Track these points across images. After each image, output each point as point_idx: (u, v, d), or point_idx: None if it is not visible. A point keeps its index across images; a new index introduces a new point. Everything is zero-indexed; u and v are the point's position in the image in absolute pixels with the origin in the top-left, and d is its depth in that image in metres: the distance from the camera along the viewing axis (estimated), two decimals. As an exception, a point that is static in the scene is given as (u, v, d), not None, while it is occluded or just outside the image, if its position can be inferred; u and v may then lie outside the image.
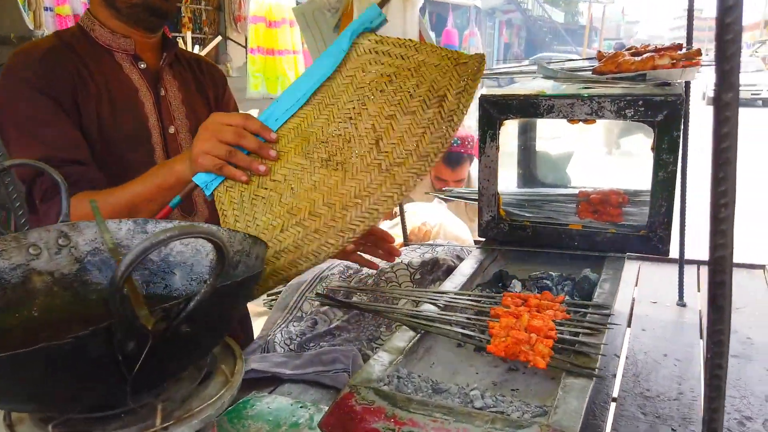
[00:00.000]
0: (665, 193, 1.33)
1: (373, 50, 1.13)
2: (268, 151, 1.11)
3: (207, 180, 1.09)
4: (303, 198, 1.06)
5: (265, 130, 1.12)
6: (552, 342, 1.00)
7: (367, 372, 0.94)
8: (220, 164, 1.08)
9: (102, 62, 1.37)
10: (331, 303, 1.43)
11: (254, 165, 1.10)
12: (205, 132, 1.08)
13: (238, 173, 1.10)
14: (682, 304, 1.78)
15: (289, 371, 1.45)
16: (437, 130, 1.02)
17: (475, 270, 1.39)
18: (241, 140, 1.09)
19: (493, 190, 1.49)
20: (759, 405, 1.30)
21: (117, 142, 1.33)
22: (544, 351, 0.97)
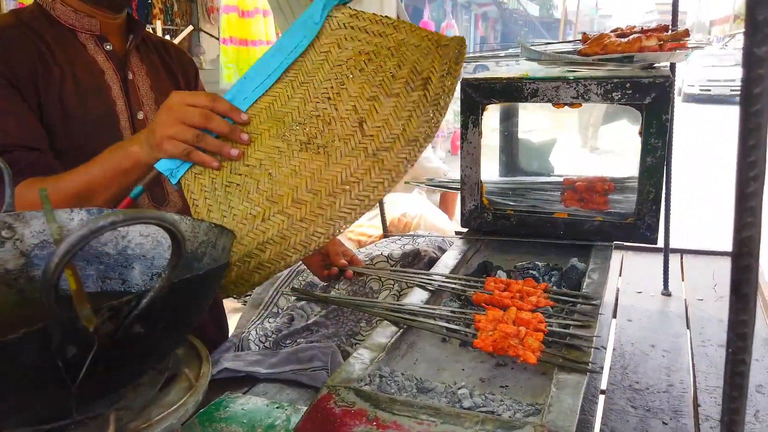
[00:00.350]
0: (653, 180, 1.28)
1: (348, 25, 1.06)
2: (239, 134, 1.03)
3: (172, 167, 1.00)
4: (283, 184, 0.99)
5: (234, 112, 1.04)
6: (542, 335, 0.94)
7: (347, 371, 0.87)
8: (188, 150, 1.00)
9: (65, 43, 1.27)
10: (308, 298, 1.36)
11: (225, 149, 1.02)
12: (168, 114, 0.99)
13: (209, 159, 1.02)
14: (666, 293, 1.75)
15: (264, 370, 1.38)
16: (424, 113, 0.95)
17: (459, 261, 1.33)
18: (209, 123, 1.01)
19: (476, 179, 1.44)
20: (750, 396, 1.26)
21: (83, 127, 1.24)
22: (534, 345, 0.92)
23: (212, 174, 1.03)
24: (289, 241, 0.95)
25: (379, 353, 0.93)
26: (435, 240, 1.70)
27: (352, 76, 1.03)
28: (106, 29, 1.32)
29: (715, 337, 1.50)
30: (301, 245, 0.94)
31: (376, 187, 0.94)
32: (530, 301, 1.05)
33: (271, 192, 0.99)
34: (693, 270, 1.91)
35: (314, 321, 1.51)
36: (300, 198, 0.97)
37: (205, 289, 0.61)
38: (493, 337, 0.94)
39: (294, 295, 1.31)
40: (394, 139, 0.95)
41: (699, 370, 1.35)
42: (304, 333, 1.49)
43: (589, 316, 1.02)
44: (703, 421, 1.18)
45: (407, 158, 0.94)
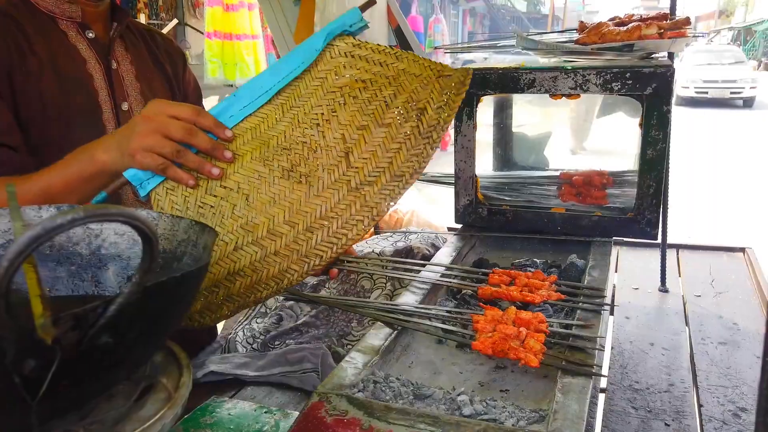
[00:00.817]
0: (654, 173, 1.24)
1: (350, 54, 1.01)
2: (222, 152, 0.97)
3: (143, 178, 0.94)
4: (260, 212, 0.94)
5: (219, 128, 0.98)
6: (544, 336, 0.90)
7: (339, 376, 0.82)
8: (165, 164, 0.94)
9: (45, 31, 1.20)
10: (297, 298, 1.31)
11: (206, 167, 0.96)
12: (147, 124, 0.93)
13: (186, 176, 0.96)
14: (664, 289, 1.72)
15: (252, 373, 1.32)
16: (414, 146, 0.91)
17: (453, 258, 1.28)
18: (192, 138, 0.94)
19: (470, 172, 1.39)
20: (753, 395, 1.23)
21: (63, 118, 1.17)
22: (536, 347, 0.87)
23: (186, 192, 0.97)
24: (260, 275, 0.90)
25: (372, 357, 0.88)
26: (428, 236, 1.65)
27: (344, 103, 0.98)
28: (88, 16, 1.25)
29: (714, 334, 1.46)
30: (273, 281, 0.88)
31: (355, 225, 0.89)
32: (540, 294, 1.00)
33: (247, 219, 0.94)
34: (689, 266, 1.88)
35: (304, 321, 1.46)
36: (276, 229, 0.92)
37: (184, 292, 0.56)
38: (493, 338, 0.89)
39: (282, 294, 1.25)
40: (380, 173, 0.90)
41: (700, 369, 1.32)
42: (294, 334, 1.43)
43: (591, 315, 0.98)
44: (706, 422, 1.14)
45: (390, 195, 0.90)
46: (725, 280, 1.76)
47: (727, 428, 1.13)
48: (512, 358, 0.86)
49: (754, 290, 1.69)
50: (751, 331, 1.48)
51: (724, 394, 1.23)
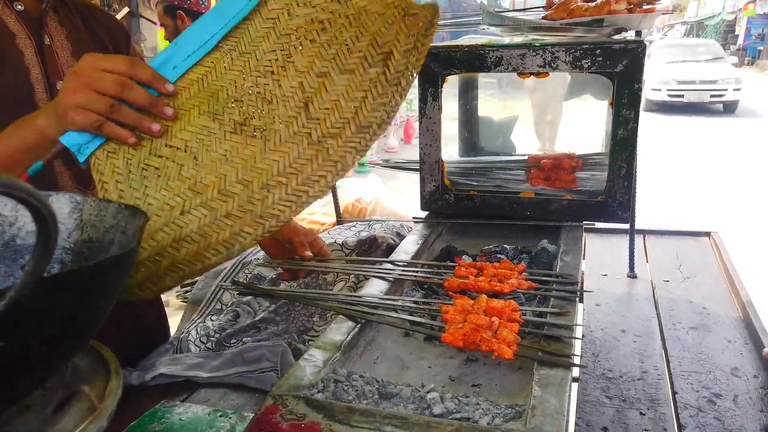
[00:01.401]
0: (625, 154, 1.20)
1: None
2: (162, 108, 0.87)
3: (80, 142, 0.84)
4: (210, 171, 0.84)
5: (159, 81, 0.88)
6: (517, 326, 0.84)
7: (296, 376, 0.74)
8: (99, 121, 0.84)
9: None
10: (253, 292, 1.22)
11: (145, 123, 0.86)
12: (76, 79, 0.83)
13: (125, 133, 0.86)
14: (632, 275, 1.69)
15: (206, 374, 1.23)
16: (381, 95, 0.82)
17: (420, 247, 1.21)
18: (127, 92, 0.85)
19: (436, 157, 1.32)
20: (726, 380, 1.20)
21: None
22: (509, 337, 0.81)
23: (128, 154, 0.87)
24: (209, 240, 0.80)
25: (333, 353, 0.81)
26: (393, 225, 1.58)
27: (301, 47, 0.88)
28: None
29: (685, 320, 1.44)
30: (223, 246, 0.79)
31: (317, 181, 0.80)
32: (510, 284, 0.94)
33: (195, 180, 0.84)
34: (656, 251, 1.86)
35: (262, 317, 1.37)
36: (228, 189, 0.83)
37: (103, 284, 0.47)
38: (463, 330, 0.82)
39: (236, 289, 1.16)
40: (344, 124, 0.81)
41: (672, 355, 1.29)
42: (251, 331, 1.34)
43: (566, 302, 0.93)
44: (682, 409, 1.11)
45: (357, 148, 0.80)
46: (692, 264, 1.75)
47: (703, 415, 1.09)
48: (484, 350, 0.80)
49: (721, 274, 1.68)
50: (720, 315, 1.46)
51: (698, 380, 1.20)
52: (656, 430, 1.06)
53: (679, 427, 1.06)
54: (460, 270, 1.02)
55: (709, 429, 1.06)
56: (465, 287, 0.97)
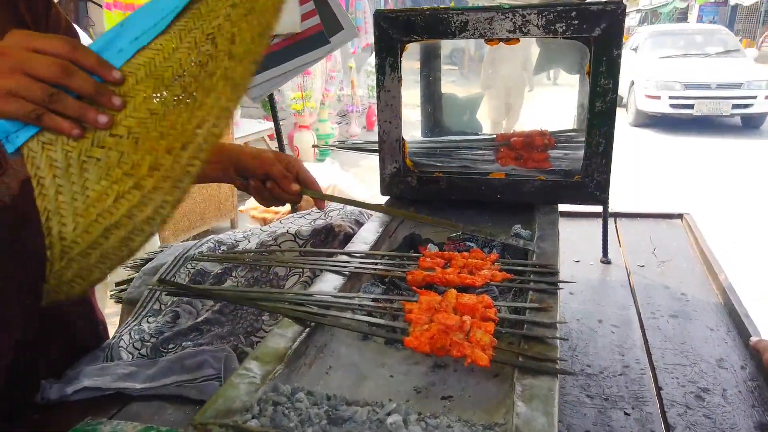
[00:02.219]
0: (604, 128, 1.09)
1: None
2: (110, 98, 0.73)
3: (9, 129, 0.70)
4: (147, 151, 0.71)
5: (105, 67, 0.74)
6: (493, 326, 0.71)
7: (226, 397, 0.60)
8: (37, 111, 0.69)
9: None
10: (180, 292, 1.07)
11: (90, 115, 0.72)
12: (3, 61, 0.68)
13: (68, 125, 0.71)
14: (606, 261, 1.60)
15: (139, 385, 1.08)
16: None
17: (380, 235, 1.08)
18: (69, 79, 0.70)
19: (396, 135, 1.19)
20: (712, 372, 1.11)
21: None
22: (484, 340, 0.69)
23: (67, 146, 0.73)
24: (134, 221, 0.68)
25: (275, 365, 0.67)
26: (351, 212, 1.44)
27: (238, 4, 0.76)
28: None
29: (663, 307, 1.35)
30: (147, 223, 0.67)
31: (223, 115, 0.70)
32: (483, 275, 0.82)
33: (132, 164, 0.72)
34: (629, 235, 1.77)
35: (205, 318, 1.22)
36: (158, 163, 0.70)
37: None
38: (430, 332, 0.70)
39: (162, 288, 1.02)
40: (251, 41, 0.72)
41: (654, 347, 1.19)
42: (192, 334, 1.19)
43: (546, 295, 0.81)
44: (669, 407, 1.01)
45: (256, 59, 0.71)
46: (667, 248, 1.67)
47: (691, 413, 1.00)
48: (455, 355, 0.68)
49: (697, 257, 1.60)
50: (700, 301, 1.38)
51: (683, 374, 1.11)
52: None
53: (667, 428, 0.97)
54: (425, 261, 0.90)
55: (699, 429, 0.97)
56: (431, 281, 0.85)
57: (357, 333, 0.79)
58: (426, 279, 0.85)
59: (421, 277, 0.86)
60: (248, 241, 1.44)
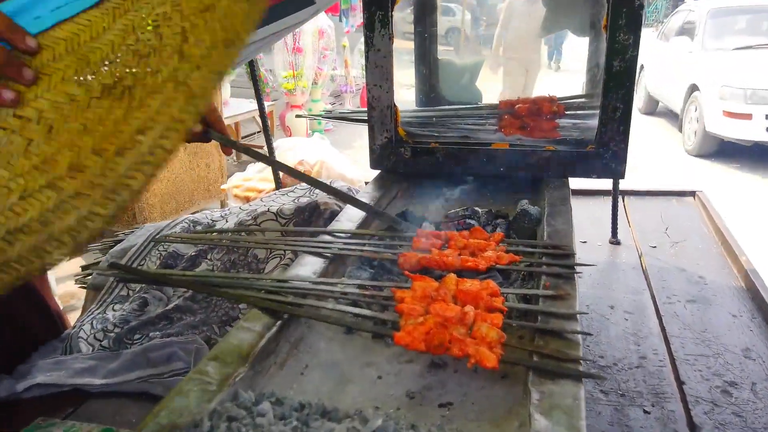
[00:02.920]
0: (622, 91, 0.96)
1: None
2: (20, 70, 0.62)
3: None
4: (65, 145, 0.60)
5: (16, 32, 0.62)
6: (501, 318, 0.59)
7: (171, 409, 0.48)
8: None
9: None
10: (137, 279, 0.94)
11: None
12: None
13: None
14: (615, 241, 1.48)
15: (99, 381, 0.96)
16: None
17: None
18: None
19: (387, 100, 1.06)
20: (738, 364, 1.00)
21: None
22: (491, 336, 0.57)
23: None
24: (52, 229, 0.57)
25: (237, 367, 0.55)
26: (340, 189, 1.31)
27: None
28: None
29: (680, 291, 1.24)
30: (69, 235, 0.56)
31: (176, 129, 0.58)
32: (487, 258, 0.70)
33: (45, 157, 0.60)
34: (638, 213, 1.65)
35: (175, 305, 1.10)
36: (81, 163, 0.58)
37: None
38: (425, 326, 0.58)
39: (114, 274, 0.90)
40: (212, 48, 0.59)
41: (672, 335, 1.08)
42: (161, 324, 1.07)
43: (561, 281, 0.69)
44: (693, 404, 0.90)
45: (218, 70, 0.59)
46: (679, 227, 1.55)
47: (719, 411, 0.89)
48: (457, 355, 0.56)
49: (713, 237, 1.48)
50: (719, 284, 1.26)
51: (707, 366, 1.00)
52: (666, 434, 0.85)
53: (692, 428, 0.86)
54: (420, 241, 0.77)
55: (729, 429, 0.86)
56: (427, 264, 0.72)
57: (339, 327, 0.67)
58: (421, 262, 0.73)
59: (415, 260, 0.73)
60: (226, 221, 1.32)
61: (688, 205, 1.70)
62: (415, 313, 0.60)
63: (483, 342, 0.56)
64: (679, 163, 5.44)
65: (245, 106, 4.70)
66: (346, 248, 0.81)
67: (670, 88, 6.40)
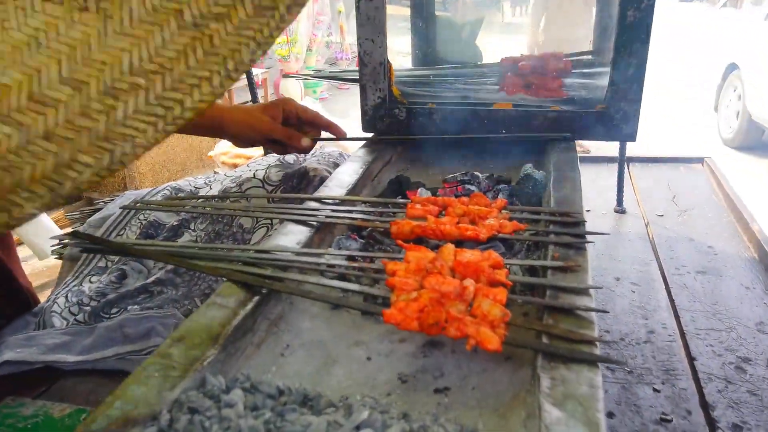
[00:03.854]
0: (636, 46, 0.88)
1: None
2: None
3: None
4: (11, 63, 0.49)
5: None
6: (505, 293, 0.53)
7: (127, 398, 0.42)
8: None
9: None
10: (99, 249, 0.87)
11: None
12: None
13: None
14: (621, 210, 1.41)
15: (73, 357, 0.90)
16: None
17: (360, 177, 0.89)
18: None
19: (380, 56, 0.98)
20: (752, 338, 0.95)
21: None
22: (494, 313, 0.50)
23: None
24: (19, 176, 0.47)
25: (206, 349, 0.48)
26: (329, 154, 1.24)
27: None
28: None
29: (689, 262, 1.18)
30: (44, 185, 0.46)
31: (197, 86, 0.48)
32: (489, 226, 0.63)
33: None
34: (644, 181, 1.59)
35: (156, 278, 1.03)
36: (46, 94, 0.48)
37: None
38: (419, 302, 0.51)
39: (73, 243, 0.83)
40: None
41: (682, 308, 1.02)
42: (140, 297, 1.01)
43: (572, 251, 0.62)
44: (705, 381, 0.85)
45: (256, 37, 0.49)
46: (688, 195, 1.49)
47: (733, 389, 0.84)
48: (454, 336, 0.49)
49: (723, 206, 1.42)
50: (730, 254, 1.20)
51: (719, 340, 0.94)
52: (678, 413, 0.79)
53: (705, 407, 0.80)
54: (415, 208, 0.70)
55: (744, 408, 0.80)
56: (422, 233, 0.66)
57: (326, 302, 0.60)
58: (415, 231, 0.66)
59: (409, 229, 0.67)
60: (210, 188, 1.24)
61: (696, 172, 1.63)
62: (408, 288, 0.53)
63: (486, 321, 0.50)
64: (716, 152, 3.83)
65: (238, 73, 4.57)
66: (333, 216, 0.74)
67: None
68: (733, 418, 0.79)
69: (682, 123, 5.28)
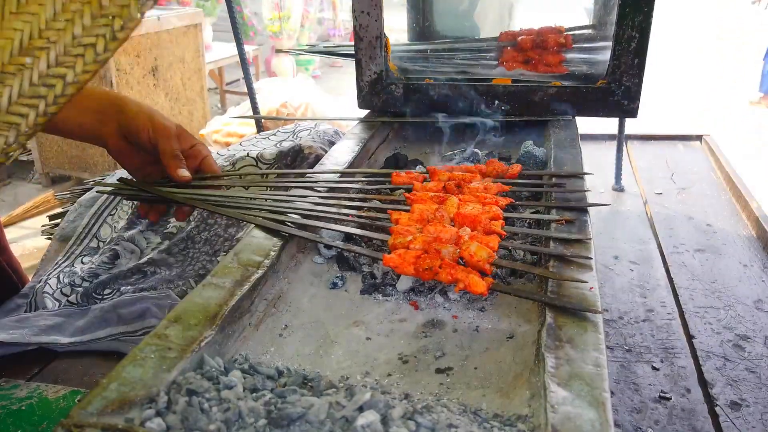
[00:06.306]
0: (638, 17, 0.86)
1: None
2: None
3: None
4: None
5: None
6: (498, 240, 0.52)
7: (123, 380, 0.41)
8: None
9: None
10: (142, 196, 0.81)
11: None
12: None
13: None
14: (619, 188, 1.40)
15: (66, 339, 0.88)
16: None
17: (356, 155, 0.87)
18: None
19: (376, 30, 0.95)
20: (750, 316, 0.94)
21: None
22: (480, 255, 0.49)
23: None
24: None
25: (203, 330, 0.47)
26: (324, 132, 1.22)
27: None
28: None
29: (688, 240, 1.17)
30: None
31: (81, 56, 0.45)
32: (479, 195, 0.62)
33: None
34: (642, 159, 1.57)
35: (150, 258, 1.02)
36: None
37: None
38: (417, 248, 0.50)
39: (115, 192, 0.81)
40: None
41: (680, 286, 1.02)
42: (133, 277, 0.99)
43: (572, 213, 0.61)
44: (704, 359, 0.84)
45: None
46: (686, 173, 1.47)
47: (731, 366, 0.83)
48: (445, 280, 0.48)
49: (721, 184, 1.41)
50: (729, 233, 1.20)
51: (717, 318, 0.94)
52: (676, 391, 0.79)
53: (703, 385, 0.80)
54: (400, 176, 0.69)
55: (743, 386, 0.80)
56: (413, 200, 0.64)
57: (321, 281, 0.59)
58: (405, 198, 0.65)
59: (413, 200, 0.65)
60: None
61: (694, 150, 1.62)
62: (407, 233, 0.52)
63: (473, 262, 0.48)
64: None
65: (229, 50, 4.48)
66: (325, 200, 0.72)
67: None
68: (732, 395, 0.79)
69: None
